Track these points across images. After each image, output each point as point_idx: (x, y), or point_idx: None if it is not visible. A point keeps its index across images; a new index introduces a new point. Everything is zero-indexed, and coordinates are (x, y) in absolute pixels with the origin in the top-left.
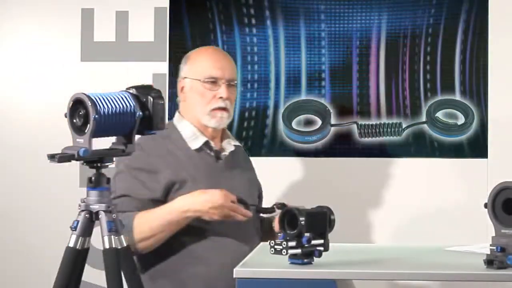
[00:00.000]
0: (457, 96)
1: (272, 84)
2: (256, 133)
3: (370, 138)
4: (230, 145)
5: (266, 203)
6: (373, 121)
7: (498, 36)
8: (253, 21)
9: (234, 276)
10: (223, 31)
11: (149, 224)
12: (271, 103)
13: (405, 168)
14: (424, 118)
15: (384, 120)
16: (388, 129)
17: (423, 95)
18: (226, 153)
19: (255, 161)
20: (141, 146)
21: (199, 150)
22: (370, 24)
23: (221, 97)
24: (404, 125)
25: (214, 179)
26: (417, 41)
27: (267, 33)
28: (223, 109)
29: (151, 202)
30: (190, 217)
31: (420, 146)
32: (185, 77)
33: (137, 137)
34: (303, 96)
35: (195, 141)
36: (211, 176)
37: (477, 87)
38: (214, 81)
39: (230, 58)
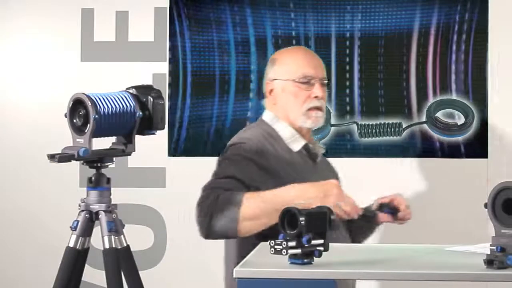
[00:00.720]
0: (457, 96)
1: None
2: None
3: (370, 138)
4: (321, 147)
5: None
6: (373, 121)
7: (498, 36)
8: (250, 20)
9: (234, 276)
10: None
11: (258, 204)
12: None
13: (405, 168)
14: (424, 118)
15: (384, 120)
16: (388, 129)
17: (423, 95)
18: (320, 155)
19: None
20: (251, 139)
21: (298, 152)
22: (371, 24)
23: (316, 96)
24: (404, 125)
25: (314, 181)
26: (417, 41)
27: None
28: (318, 108)
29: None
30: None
31: (420, 146)
32: (275, 79)
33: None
34: None
35: (295, 143)
36: (310, 179)
37: (477, 87)
38: (307, 81)
39: (319, 58)
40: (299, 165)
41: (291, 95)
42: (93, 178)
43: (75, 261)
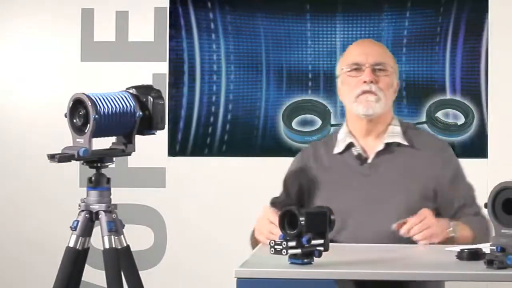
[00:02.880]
0: (457, 96)
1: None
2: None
3: None
4: (380, 143)
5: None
6: None
7: (498, 36)
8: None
9: (234, 276)
10: (223, 31)
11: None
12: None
13: None
14: (424, 118)
15: None
16: None
17: (422, 95)
18: (372, 155)
19: (256, 161)
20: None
21: (343, 153)
22: (375, 25)
23: (364, 82)
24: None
25: (349, 186)
26: (417, 40)
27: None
28: (368, 92)
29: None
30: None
31: None
32: (338, 75)
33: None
34: (304, 96)
35: (340, 145)
36: (346, 184)
37: (477, 87)
38: (357, 68)
39: (379, 45)
40: (337, 170)
41: (346, 85)
42: (93, 178)
43: (75, 261)
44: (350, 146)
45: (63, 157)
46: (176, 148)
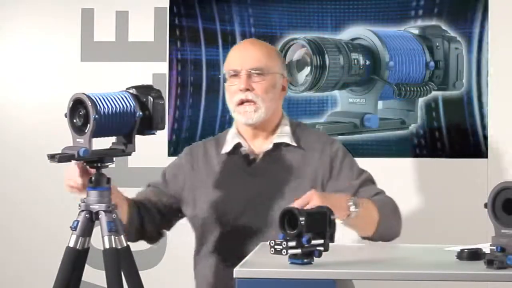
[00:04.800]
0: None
1: None
2: None
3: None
4: (269, 143)
5: None
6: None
7: (498, 36)
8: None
9: (234, 276)
10: (222, 31)
11: None
12: None
13: (405, 168)
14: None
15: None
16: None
17: (422, 95)
18: (260, 155)
19: None
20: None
21: (232, 153)
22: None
23: (240, 90)
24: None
25: (236, 186)
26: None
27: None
28: (246, 101)
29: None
30: None
31: (420, 146)
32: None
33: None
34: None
35: (228, 145)
36: (234, 184)
37: (478, 87)
38: (235, 74)
39: (258, 47)
40: (226, 170)
41: (227, 92)
42: (93, 178)
43: (75, 261)
44: (238, 146)
45: (63, 157)
46: (177, 148)
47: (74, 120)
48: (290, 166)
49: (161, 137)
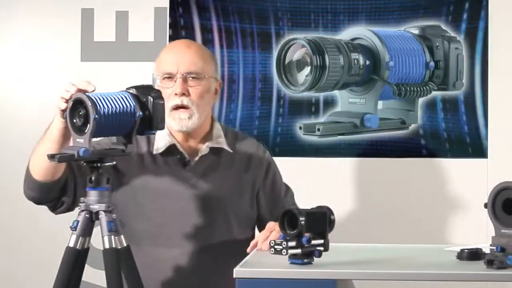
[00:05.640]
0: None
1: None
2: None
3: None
4: (203, 146)
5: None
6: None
7: (498, 36)
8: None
9: (234, 276)
10: (223, 31)
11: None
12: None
13: (405, 168)
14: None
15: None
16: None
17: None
18: (194, 158)
19: None
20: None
21: (164, 154)
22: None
23: (176, 94)
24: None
25: (171, 190)
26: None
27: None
28: (181, 107)
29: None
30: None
31: (420, 146)
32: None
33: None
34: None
35: (160, 144)
36: (168, 187)
37: (478, 87)
38: (170, 77)
39: (193, 49)
40: (159, 172)
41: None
42: (93, 178)
43: (75, 261)
44: (171, 147)
45: (63, 157)
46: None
47: (74, 120)
48: (227, 171)
49: None
